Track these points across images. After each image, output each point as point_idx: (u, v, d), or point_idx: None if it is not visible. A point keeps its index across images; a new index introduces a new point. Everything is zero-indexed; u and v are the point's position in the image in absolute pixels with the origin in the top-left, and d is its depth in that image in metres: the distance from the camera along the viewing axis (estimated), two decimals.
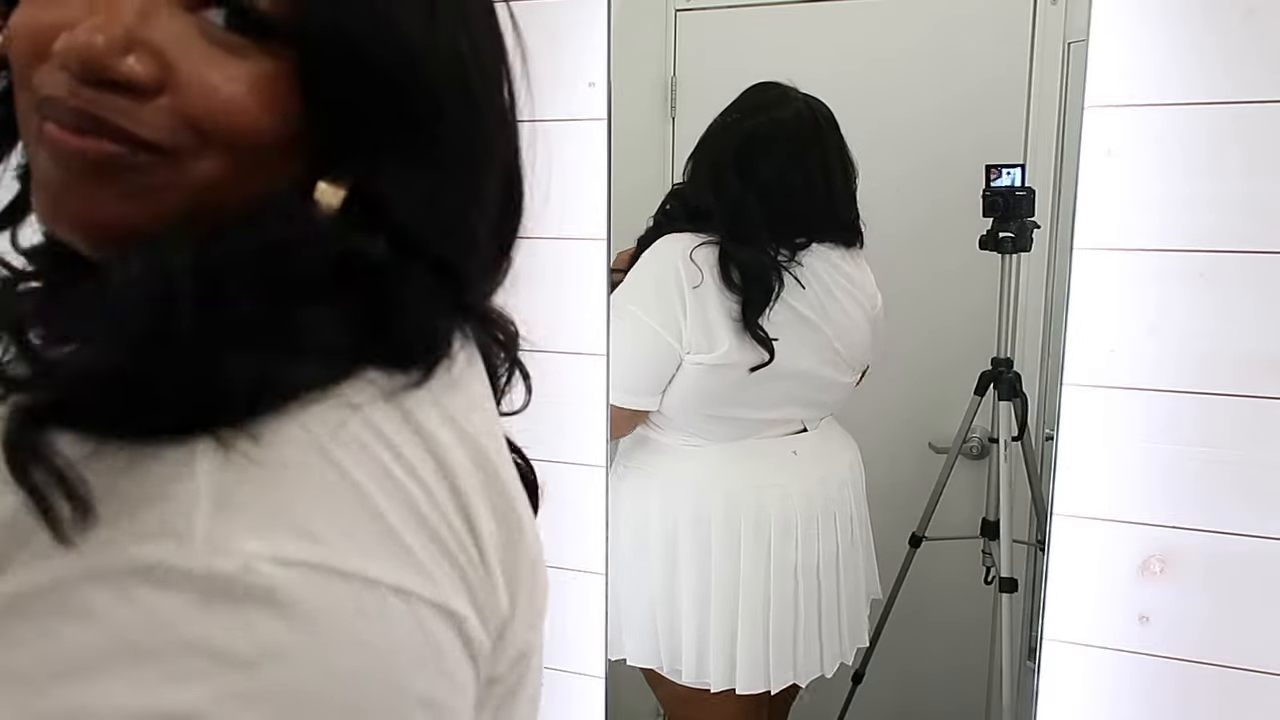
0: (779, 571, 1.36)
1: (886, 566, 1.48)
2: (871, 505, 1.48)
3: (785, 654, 1.37)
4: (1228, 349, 1.02)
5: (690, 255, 1.27)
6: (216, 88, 0.40)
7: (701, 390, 1.32)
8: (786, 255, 1.30)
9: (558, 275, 1.25)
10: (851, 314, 1.36)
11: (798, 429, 1.42)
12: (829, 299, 1.34)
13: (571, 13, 1.20)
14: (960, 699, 1.52)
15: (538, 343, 0.45)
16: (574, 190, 1.23)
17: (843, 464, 1.44)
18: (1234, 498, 1.04)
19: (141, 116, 0.39)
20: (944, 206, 1.37)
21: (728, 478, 1.41)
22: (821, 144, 1.31)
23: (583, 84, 1.21)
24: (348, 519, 0.36)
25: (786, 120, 1.33)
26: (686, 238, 1.30)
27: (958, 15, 1.44)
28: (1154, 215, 1.03)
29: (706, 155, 1.35)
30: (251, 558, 0.33)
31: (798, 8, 1.50)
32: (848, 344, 1.38)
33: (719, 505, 1.39)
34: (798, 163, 1.31)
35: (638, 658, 1.43)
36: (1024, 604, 1.35)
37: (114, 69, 0.38)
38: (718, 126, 1.36)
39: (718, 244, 1.29)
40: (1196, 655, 1.07)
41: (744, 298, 1.26)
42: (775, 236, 1.30)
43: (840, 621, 1.40)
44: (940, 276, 1.33)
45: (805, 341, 1.34)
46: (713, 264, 1.27)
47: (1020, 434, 1.33)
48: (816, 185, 1.32)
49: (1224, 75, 0.99)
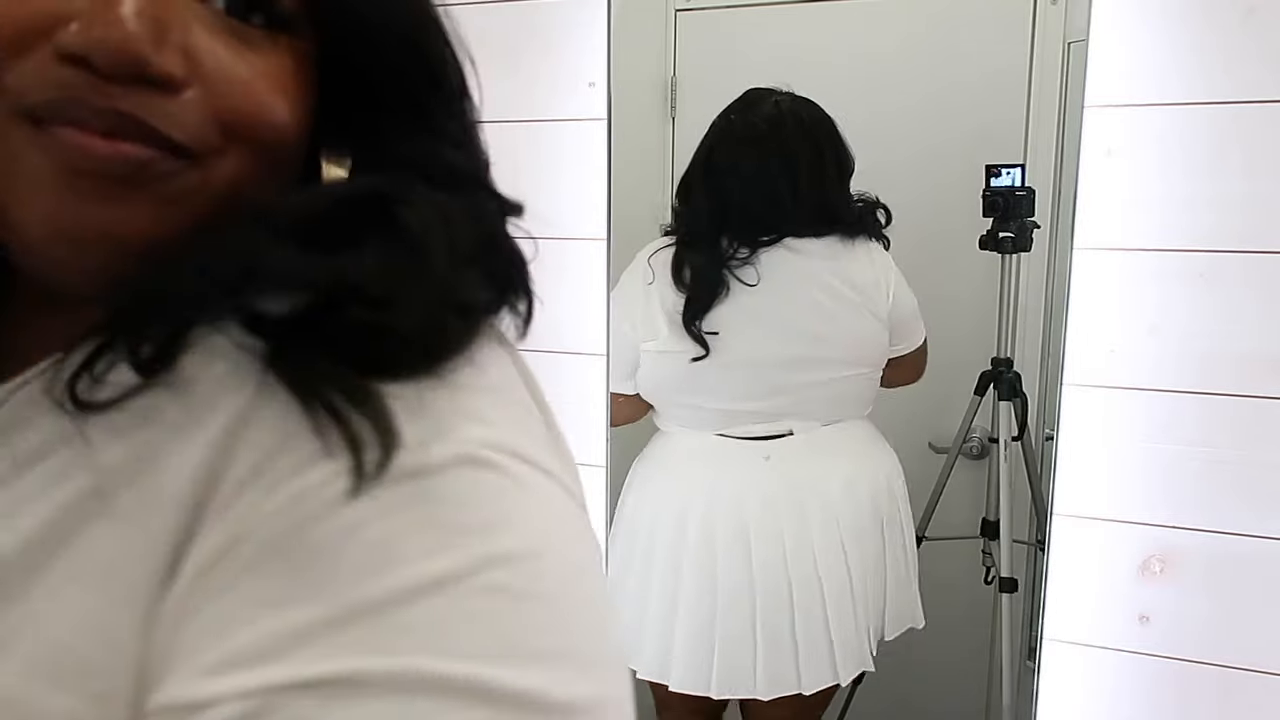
0: (726, 575, 1.36)
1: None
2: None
3: (732, 663, 1.35)
4: (1228, 349, 1.02)
5: (649, 259, 1.39)
6: (247, 82, 0.37)
7: (659, 376, 1.41)
8: (746, 253, 1.34)
9: (558, 275, 1.25)
10: (826, 306, 1.35)
11: (782, 432, 1.40)
12: (798, 292, 1.34)
13: (571, 13, 1.20)
14: (960, 699, 1.52)
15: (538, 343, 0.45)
16: (574, 190, 1.23)
17: (836, 476, 1.39)
18: (1234, 498, 1.04)
19: (174, 115, 0.36)
20: (944, 206, 1.37)
21: (691, 474, 1.43)
22: (786, 144, 1.34)
23: (583, 84, 1.21)
24: (534, 429, 0.40)
25: (754, 122, 1.36)
26: (659, 242, 1.41)
27: (957, 15, 1.44)
28: (1154, 215, 1.03)
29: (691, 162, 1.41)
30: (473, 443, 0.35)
31: (797, 8, 1.50)
32: (824, 336, 1.37)
33: (673, 501, 1.42)
34: (758, 165, 1.35)
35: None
36: (1024, 604, 1.35)
37: (150, 63, 0.34)
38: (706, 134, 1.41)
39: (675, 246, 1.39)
40: (1196, 655, 1.07)
41: (689, 295, 1.35)
42: (737, 235, 1.35)
43: (799, 644, 1.34)
44: (940, 276, 1.33)
45: (763, 333, 1.36)
46: (666, 264, 1.38)
47: (1020, 434, 1.33)
48: (779, 185, 1.34)
49: (1224, 75, 0.99)
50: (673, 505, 1.41)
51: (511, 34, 1.22)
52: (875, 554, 1.39)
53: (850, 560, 1.36)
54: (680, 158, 1.54)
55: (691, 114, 1.53)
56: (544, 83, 1.22)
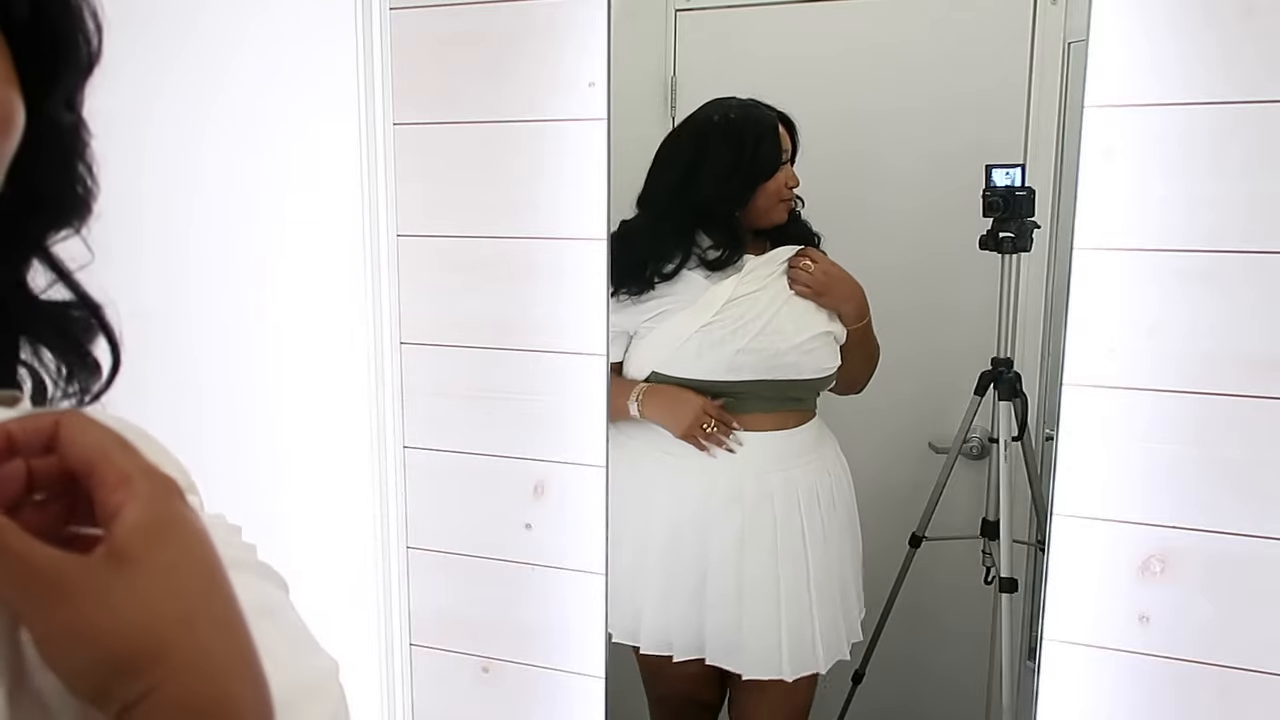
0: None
1: (886, 566, 1.48)
2: (871, 505, 1.48)
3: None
4: (1227, 349, 1.02)
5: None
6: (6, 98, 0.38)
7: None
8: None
9: (558, 275, 1.25)
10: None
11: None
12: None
13: (571, 13, 1.20)
14: (960, 699, 1.52)
15: (538, 343, 0.45)
16: (574, 190, 1.23)
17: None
18: (1234, 498, 1.04)
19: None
20: (944, 206, 1.37)
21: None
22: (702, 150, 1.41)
23: (583, 84, 1.21)
24: None
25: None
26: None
27: (958, 15, 1.44)
28: (1154, 215, 1.03)
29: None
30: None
31: (798, 8, 1.50)
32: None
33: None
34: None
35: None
36: (1024, 604, 1.35)
37: None
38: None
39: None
40: (1196, 655, 1.07)
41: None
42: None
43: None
44: (940, 276, 1.33)
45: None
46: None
47: (1020, 434, 1.33)
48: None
49: (1224, 75, 0.99)
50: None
51: (511, 34, 1.22)
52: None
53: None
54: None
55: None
56: (544, 83, 1.22)
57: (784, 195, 1.39)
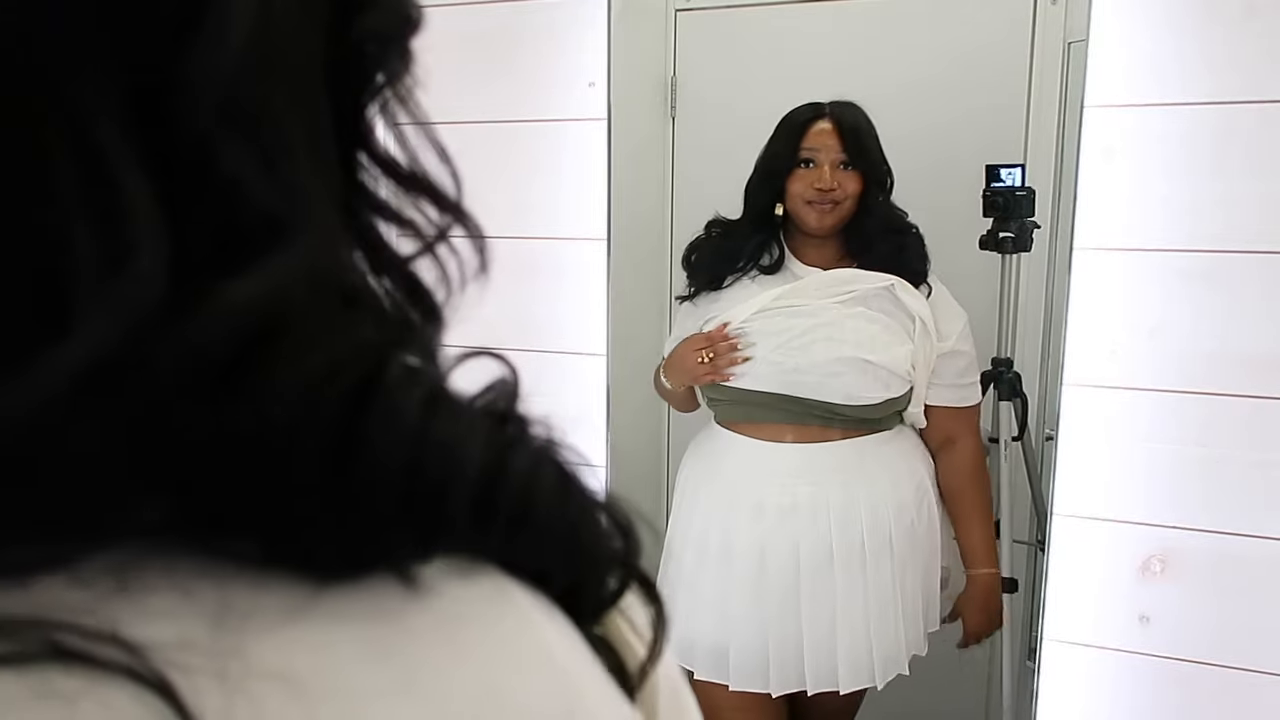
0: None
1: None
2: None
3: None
4: (1228, 349, 1.02)
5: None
6: None
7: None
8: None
9: (557, 275, 1.25)
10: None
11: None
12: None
13: (571, 12, 1.20)
14: (960, 699, 1.52)
15: (538, 343, 0.45)
16: (574, 190, 1.23)
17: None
18: (1235, 498, 1.04)
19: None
20: (944, 206, 1.37)
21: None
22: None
23: (583, 84, 1.21)
24: None
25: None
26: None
27: (958, 15, 1.44)
28: (1154, 215, 1.03)
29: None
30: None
31: (798, 8, 1.50)
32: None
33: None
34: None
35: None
36: (1024, 604, 1.35)
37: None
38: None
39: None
40: (1197, 655, 1.07)
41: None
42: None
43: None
44: (940, 276, 1.33)
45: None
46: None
47: (1020, 434, 1.33)
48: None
49: (1224, 75, 0.99)
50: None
51: (511, 34, 1.23)
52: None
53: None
54: (680, 158, 1.54)
55: (691, 114, 1.53)
56: (544, 83, 1.22)
57: (809, 196, 1.29)
